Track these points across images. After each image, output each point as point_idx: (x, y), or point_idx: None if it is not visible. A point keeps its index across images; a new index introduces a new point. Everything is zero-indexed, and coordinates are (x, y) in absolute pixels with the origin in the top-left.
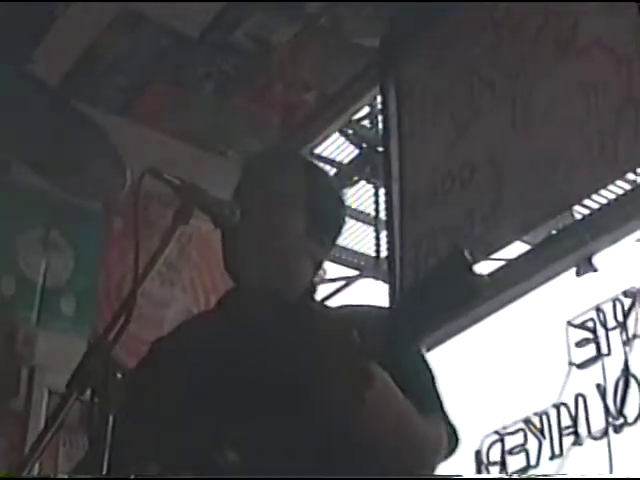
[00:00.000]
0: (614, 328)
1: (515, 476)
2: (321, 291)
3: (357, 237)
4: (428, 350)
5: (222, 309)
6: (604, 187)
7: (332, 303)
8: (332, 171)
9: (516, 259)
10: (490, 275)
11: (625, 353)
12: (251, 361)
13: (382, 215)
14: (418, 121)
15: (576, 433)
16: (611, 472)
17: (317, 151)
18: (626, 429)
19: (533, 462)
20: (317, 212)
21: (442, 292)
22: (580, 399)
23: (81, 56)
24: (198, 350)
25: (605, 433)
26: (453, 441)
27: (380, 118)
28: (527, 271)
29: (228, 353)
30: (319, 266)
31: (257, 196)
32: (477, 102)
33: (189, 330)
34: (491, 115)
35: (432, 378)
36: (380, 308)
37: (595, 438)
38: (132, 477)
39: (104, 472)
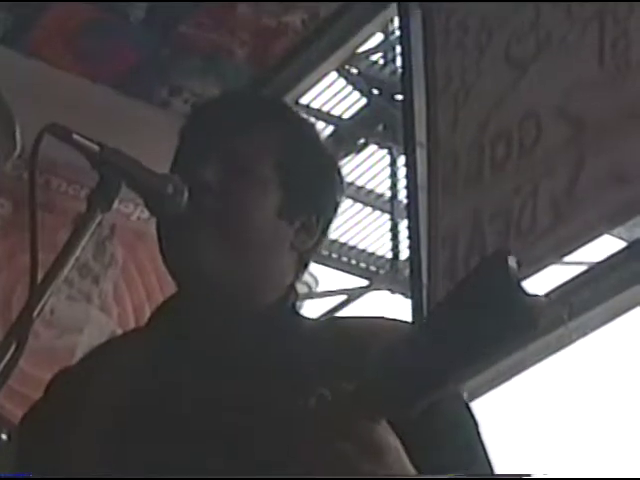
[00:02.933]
0: None
1: None
2: (312, 309)
3: (365, 230)
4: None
5: (157, 326)
6: None
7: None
8: (326, 130)
9: (604, 263)
10: (565, 286)
11: None
12: (197, 400)
13: (401, 196)
14: (455, 55)
15: None
16: None
17: (303, 100)
18: None
19: None
20: (298, 182)
21: (477, 316)
22: None
23: None
24: (122, 384)
25: None
26: None
27: (398, 51)
28: (620, 282)
29: (166, 389)
30: (304, 262)
31: (207, 163)
32: (546, 28)
33: (108, 357)
34: (567, 47)
35: (476, 434)
36: (401, 326)
37: None
38: None
39: None
